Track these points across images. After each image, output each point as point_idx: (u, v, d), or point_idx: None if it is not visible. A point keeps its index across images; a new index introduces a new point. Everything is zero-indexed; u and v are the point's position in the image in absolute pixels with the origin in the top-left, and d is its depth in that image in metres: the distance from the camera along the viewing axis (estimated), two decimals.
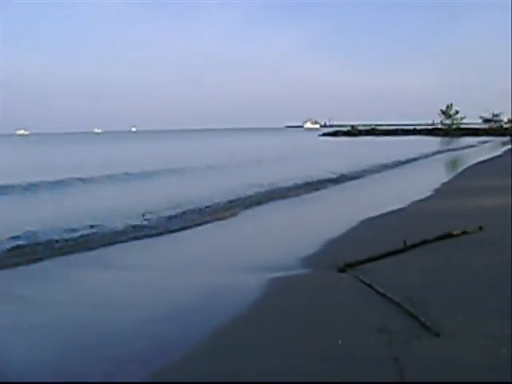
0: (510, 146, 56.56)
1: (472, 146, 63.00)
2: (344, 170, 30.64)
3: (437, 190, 20.52)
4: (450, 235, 10.74)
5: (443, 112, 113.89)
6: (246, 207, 18.10)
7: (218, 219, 15.87)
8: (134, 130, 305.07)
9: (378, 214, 15.02)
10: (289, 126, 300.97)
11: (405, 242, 10.03)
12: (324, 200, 20.91)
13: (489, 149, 55.55)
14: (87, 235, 13.11)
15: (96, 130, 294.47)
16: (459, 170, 31.15)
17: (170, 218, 15.75)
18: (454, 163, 39.70)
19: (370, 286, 7.82)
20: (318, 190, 23.03)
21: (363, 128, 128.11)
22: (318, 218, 16.31)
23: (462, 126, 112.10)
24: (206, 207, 17.66)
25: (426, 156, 45.08)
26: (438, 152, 51.43)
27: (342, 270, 8.88)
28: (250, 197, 20.39)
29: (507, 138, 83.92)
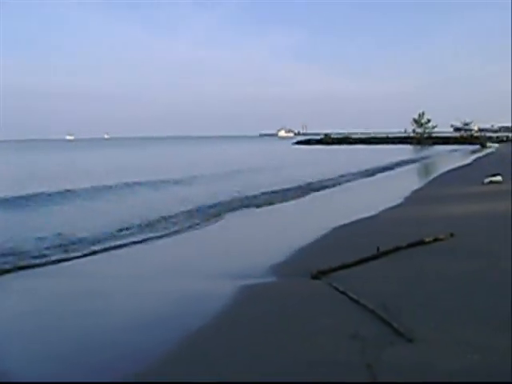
0: (479, 155, 57.57)
1: (442, 155, 63.90)
2: (316, 178, 30.90)
3: (407, 198, 20.74)
4: (422, 242, 10.85)
5: (415, 121, 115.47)
6: (221, 215, 18.04)
7: (193, 227, 15.82)
8: (106, 136, 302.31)
9: (349, 221, 15.12)
10: (263, 135, 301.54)
11: (378, 249, 10.10)
12: (297, 208, 20.96)
13: (459, 157, 56.39)
14: (61, 245, 12.90)
15: (68, 137, 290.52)
16: (429, 178, 31.54)
17: (144, 226, 15.64)
18: (424, 172, 40.22)
19: (343, 292, 7.83)
20: (292, 198, 23.05)
21: (336, 136, 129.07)
22: (292, 226, 16.31)
23: (434, 135, 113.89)
24: (181, 216, 17.56)
25: (398, 165, 45.47)
26: (411, 161, 52.04)
27: (315, 277, 8.89)
28: (225, 204, 20.36)
29: (477, 147, 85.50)
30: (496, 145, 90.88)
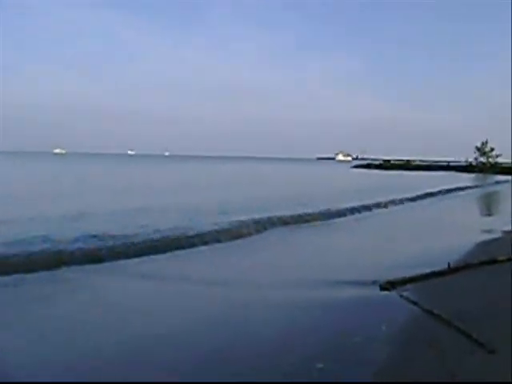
0: None
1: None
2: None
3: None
4: (494, 261, 10.44)
5: (478, 149, 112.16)
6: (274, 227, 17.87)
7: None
8: (167, 154, 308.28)
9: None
10: (320, 158, 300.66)
11: (449, 265, 9.78)
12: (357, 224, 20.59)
13: None
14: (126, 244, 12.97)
15: (130, 152, 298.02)
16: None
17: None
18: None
19: (415, 303, 7.59)
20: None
21: (396, 163, 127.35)
22: (358, 241, 16.00)
23: (498, 164, 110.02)
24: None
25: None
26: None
27: (384, 289, 8.67)
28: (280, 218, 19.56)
29: None
30: None
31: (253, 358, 5.87)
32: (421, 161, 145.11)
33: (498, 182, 59.82)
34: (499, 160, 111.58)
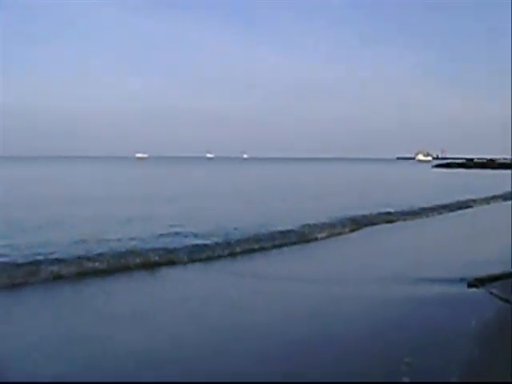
0: None
1: None
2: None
3: None
4: None
5: None
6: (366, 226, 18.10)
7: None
8: (245, 156, 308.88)
9: None
10: (400, 158, 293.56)
11: None
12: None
13: None
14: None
15: (208, 155, 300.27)
16: None
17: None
18: None
19: (506, 300, 7.55)
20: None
21: (479, 161, 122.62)
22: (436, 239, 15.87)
23: None
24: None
25: None
26: None
27: (472, 285, 8.65)
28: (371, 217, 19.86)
29: None
30: None
31: (341, 351, 6.07)
32: (504, 159, 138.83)
33: None
34: None
